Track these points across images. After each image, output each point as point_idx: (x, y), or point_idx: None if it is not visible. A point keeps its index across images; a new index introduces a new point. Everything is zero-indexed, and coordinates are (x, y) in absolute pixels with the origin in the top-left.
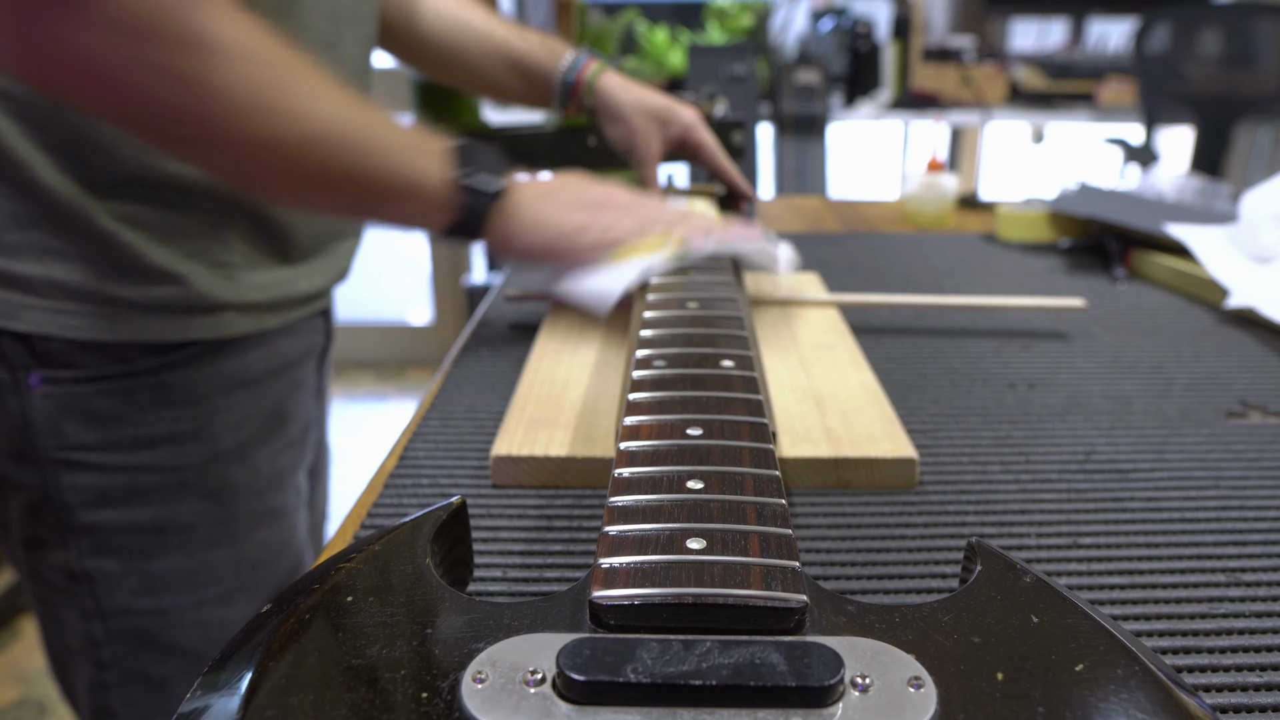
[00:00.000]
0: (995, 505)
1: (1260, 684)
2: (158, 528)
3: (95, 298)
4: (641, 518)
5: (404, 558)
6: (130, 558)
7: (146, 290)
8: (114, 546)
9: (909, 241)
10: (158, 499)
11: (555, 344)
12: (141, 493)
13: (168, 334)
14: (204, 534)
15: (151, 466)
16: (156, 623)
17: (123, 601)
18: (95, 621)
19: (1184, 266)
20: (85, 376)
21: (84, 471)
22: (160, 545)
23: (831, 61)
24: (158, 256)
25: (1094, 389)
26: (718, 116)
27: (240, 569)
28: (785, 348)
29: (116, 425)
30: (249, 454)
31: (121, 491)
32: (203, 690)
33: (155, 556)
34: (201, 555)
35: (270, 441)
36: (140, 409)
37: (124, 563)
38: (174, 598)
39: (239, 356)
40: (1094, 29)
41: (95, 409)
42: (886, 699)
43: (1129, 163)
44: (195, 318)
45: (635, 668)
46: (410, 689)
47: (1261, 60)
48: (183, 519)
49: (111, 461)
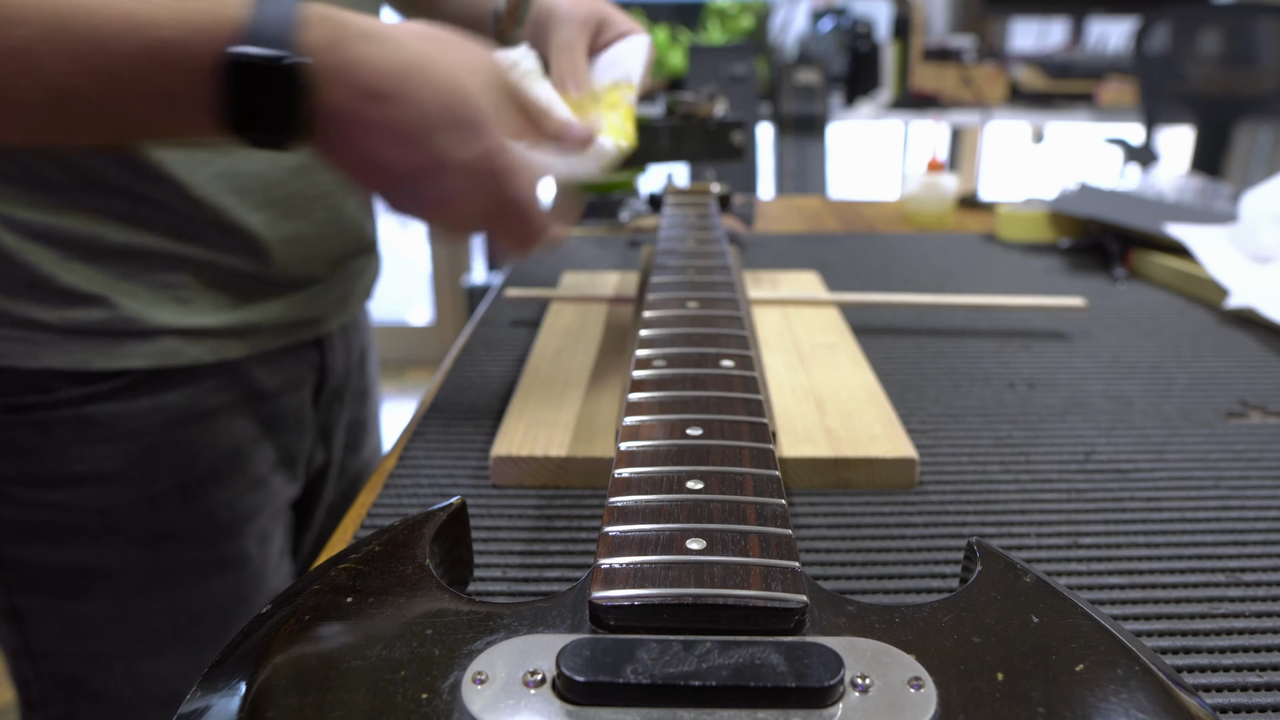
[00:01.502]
0: (995, 505)
1: (1260, 684)
2: (83, 570)
3: (6, 320)
4: (641, 518)
5: (404, 558)
6: (56, 598)
7: (64, 313)
8: (41, 585)
9: (909, 241)
10: (82, 539)
11: (555, 344)
12: (65, 532)
13: (92, 362)
14: (133, 581)
15: (73, 506)
16: (84, 669)
17: (49, 644)
18: (25, 660)
19: (1184, 266)
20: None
21: (7, 504)
22: (85, 589)
23: (831, 61)
24: (74, 277)
25: (1094, 389)
26: (718, 116)
27: (178, 621)
28: (785, 348)
29: (36, 459)
30: (195, 497)
31: (44, 529)
32: (202, 691)
33: (80, 600)
34: (131, 603)
35: (226, 483)
36: (59, 444)
37: (50, 602)
38: (100, 645)
39: (186, 387)
40: (1094, 29)
41: (12, 440)
42: (886, 699)
43: (1129, 163)
44: (127, 344)
45: (635, 668)
46: (410, 689)
47: (1261, 60)
48: (109, 563)
49: (32, 497)
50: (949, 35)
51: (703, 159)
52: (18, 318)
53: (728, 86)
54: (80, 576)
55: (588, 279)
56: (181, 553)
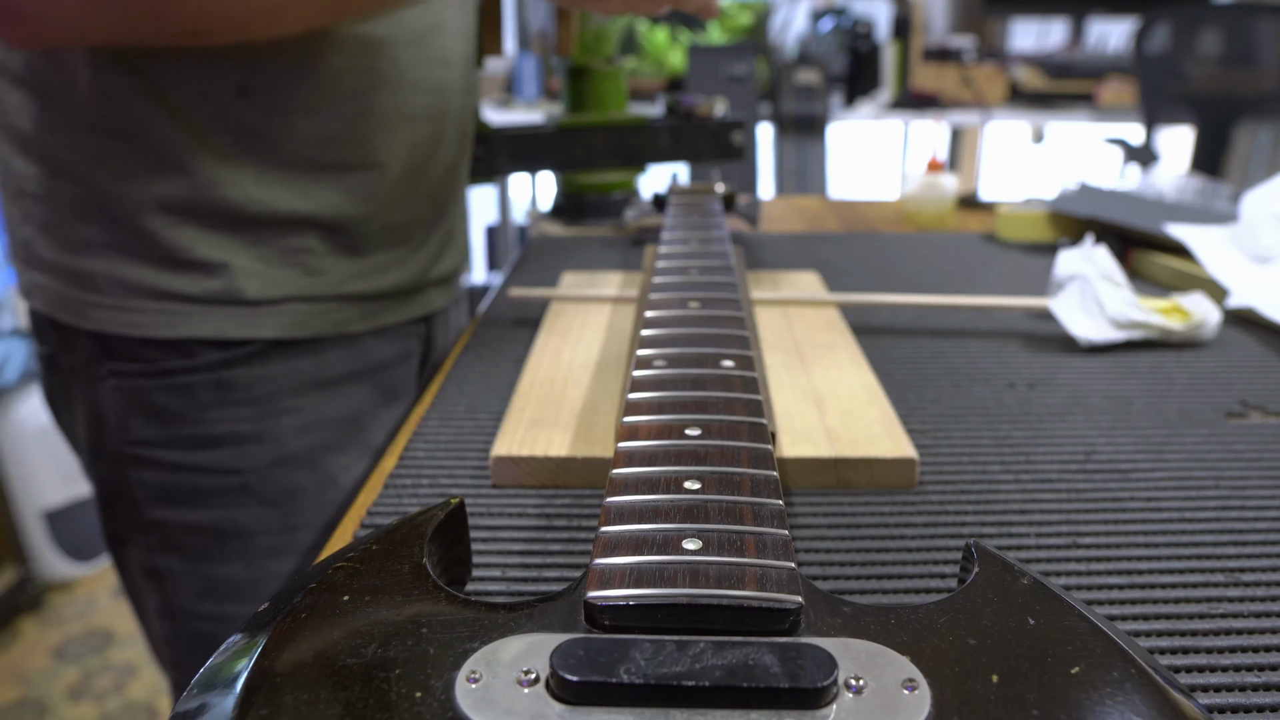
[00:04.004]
0: (995, 505)
1: (1259, 684)
2: (218, 531)
3: (153, 293)
4: (638, 518)
5: (401, 557)
6: (193, 559)
7: (202, 283)
8: (179, 546)
9: (909, 241)
10: (218, 501)
11: (555, 344)
12: (202, 494)
13: (227, 330)
14: (266, 542)
15: (211, 467)
16: (220, 630)
17: (187, 604)
18: (166, 620)
19: (1184, 266)
20: (147, 371)
21: (149, 468)
22: (220, 550)
23: (831, 61)
24: (209, 249)
25: (1094, 389)
26: (718, 116)
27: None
28: (785, 347)
29: (177, 422)
30: (320, 461)
31: (184, 491)
32: (198, 689)
33: (216, 561)
34: (262, 564)
35: (347, 449)
36: (200, 406)
37: (188, 564)
38: (235, 606)
39: (312, 356)
40: (1094, 29)
41: (157, 404)
42: (880, 701)
43: (1129, 163)
44: (260, 313)
45: (629, 668)
46: (404, 688)
47: (1261, 60)
48: (243, 524)
49: (173, 459)
50: (949, 35)
51: (703, 159)
52: (159, 290)
53: (728, 86)
54: (216, 538)
55: (588, 279)
56: (309, 515)
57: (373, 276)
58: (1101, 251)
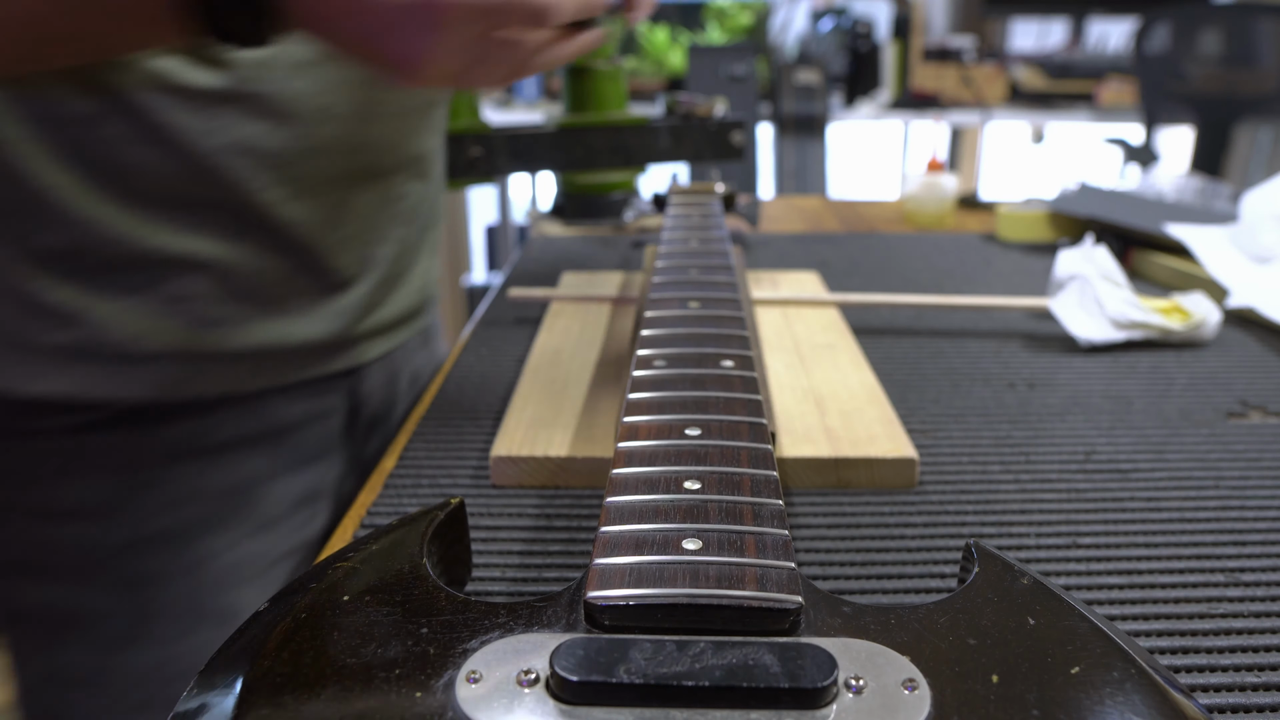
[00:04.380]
0: (995, 505)
1: (1258, 684)
2: (65, 613)
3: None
4: (638, 518)
5: (401, 557)
6: (37, 639)
7: (53, 334)
8: (27, 621)
9: (909, 241)
10: (67, 579)
11: (555, 344)
12: (49, 569)
13: (84, 389)
14: (116, 630)
15: (56, 542)
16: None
17: (34, 681)
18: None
19: (1184, 266)
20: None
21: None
22: (66, 634)
23: (831, 61)
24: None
25: (1094, 389)
26: (718, 116)
27: (166, 676)
28: (785, 348)
29: (24, 489)
30: (188, 541)
31: (30, 564)
32: (198, 689)
33: (61, 646)
34: (112, 655)
35: (229, 525)
36: (49, 474)
37: (32, 643)
38: (81, 696)
39: (191, 419)
40: (1094, 29)
41: (3, 467)
42: (880, 701)
43: (1129, 163)
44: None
45: (628, 668)
46: (404, 688)
47: (1261, 60)
48: (90, 607)
49: (16, 527)
50: (949, 35)
51: (703, 159)
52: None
53: (727, 86)
54: (63, 619)
55: (588, 279)
56: (169, 602)
57: (282, 326)
58: (1101, 251)
